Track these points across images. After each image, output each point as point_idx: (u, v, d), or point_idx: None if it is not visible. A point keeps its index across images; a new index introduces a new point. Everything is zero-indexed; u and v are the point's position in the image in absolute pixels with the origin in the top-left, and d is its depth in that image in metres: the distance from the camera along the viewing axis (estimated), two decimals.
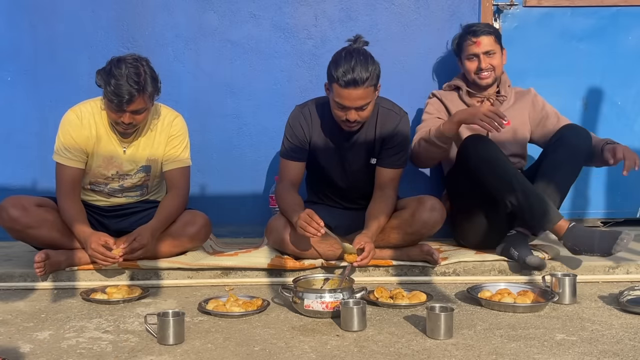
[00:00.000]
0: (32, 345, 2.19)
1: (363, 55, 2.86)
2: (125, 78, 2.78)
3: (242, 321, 2.44)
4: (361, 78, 2.79)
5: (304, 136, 3.10)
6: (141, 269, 2.97)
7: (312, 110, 3.12)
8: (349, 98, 2.84)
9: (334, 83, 2.86)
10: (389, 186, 3.09)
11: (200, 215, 3.12)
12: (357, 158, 3.13)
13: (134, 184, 3.13)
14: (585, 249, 2.90)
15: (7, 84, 3.71)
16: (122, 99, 2.79)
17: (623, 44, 3.85)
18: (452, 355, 2.09)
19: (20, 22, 3.68)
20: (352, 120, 2.91)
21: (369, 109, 2.93)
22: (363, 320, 2.34)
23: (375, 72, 2.86)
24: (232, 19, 3.72)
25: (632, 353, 2.10)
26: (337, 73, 2.82)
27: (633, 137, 3.86)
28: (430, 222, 2.98)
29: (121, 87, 2.78)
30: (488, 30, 3.33)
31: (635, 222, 3.93)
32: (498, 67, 3.32)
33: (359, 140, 3.10)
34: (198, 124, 3.73)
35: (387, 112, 3.09)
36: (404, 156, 3.14)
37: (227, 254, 3.16)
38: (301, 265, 2.99)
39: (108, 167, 3.06)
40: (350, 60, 2.83)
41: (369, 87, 2.84)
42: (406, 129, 3.12)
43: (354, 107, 2.87)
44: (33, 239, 2.97)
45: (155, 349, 2.15)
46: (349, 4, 3.73)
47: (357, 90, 2.81)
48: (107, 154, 3.04)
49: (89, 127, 3.00)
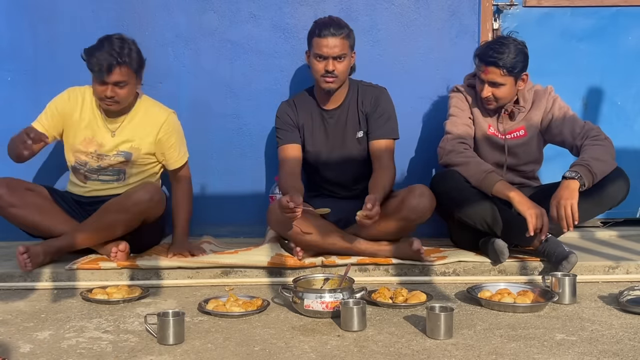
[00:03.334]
0: (32, 345, 2.20)
1: (340, 20, 3.24)
2: (108, 49, 3.02)
3: (242, 321, 2.44)
4: (337, 29, 3.16)
5: (292, 121, 3.31)
6: (141, 269, 2.97)
7: (295, 99, 3.38)
8: (327, 46, 3.14)
9: (313, 38, 3.18)
10: (385, 156, 3.22)
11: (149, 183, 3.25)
12: (343, 134, 3.29)
13: (111, 165, 3.23)
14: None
15: (7, 84, 3.70)
16: (102, 67, 2.99)
17: (623, 44, 3.85)
18: (452, 355, 2.09)
19: (20, 22, 3.68)
20: (330, 70, 3.14)
21: (345, 63, 3.19)
22: (363, 320, 2.34)
23: (350, 32, 3.21)
24: (232, 19, 3.72)
25: (632, 353, 2.10)
26: (316, 28, 3.19)
27: (633, 137, 3.87)
28: (419, 208, 3.02)
29: (102, 57, 3.01)
30: (497, 60, 3.06)
31: (635, 222, 3.93)
32: (502, 98, 3.15)
33: (342, 116, 3.30)
34: (198, 124, 3.74)
35: (365, 87, 3.33)
36: (393, 126, 3.28)
37: (227, 252, 3.17)
38: (301, 264, 2.99)
39: (88, 145, 3.21)
40: (328, 19, 3.24)
41: (345, 40, 3.17)
42: (388, 100, 3.31)
43: (332, 55, 3.14)
44: (14, 219, 3.10)
45: (155, 349, 2.15)
46: (349, 4, 3.73)
47: (334, 38, 3.14)
48: (88, 134, 3.21)
49: (75, 102, 3.22)
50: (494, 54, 3.08)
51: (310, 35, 3.22)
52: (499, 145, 3.25)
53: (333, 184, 3.36)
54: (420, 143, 3.75)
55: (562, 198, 2.88)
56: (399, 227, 3.06)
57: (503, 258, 2.99)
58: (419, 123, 3.75)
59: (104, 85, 3.05)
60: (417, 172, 3.74)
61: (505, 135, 3.24)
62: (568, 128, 3.16)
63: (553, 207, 2.89)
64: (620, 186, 3.03)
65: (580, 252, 3.17)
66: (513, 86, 3.15)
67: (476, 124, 3.26)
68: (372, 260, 3.03)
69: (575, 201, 2.86)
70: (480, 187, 3.03)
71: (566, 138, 3.17)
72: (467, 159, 3.10)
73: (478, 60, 3.17)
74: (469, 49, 3.55)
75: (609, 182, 3.00)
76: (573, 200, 2.86)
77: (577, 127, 3.14)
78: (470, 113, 3.27)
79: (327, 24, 3.17)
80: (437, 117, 3.62)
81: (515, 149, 3.25)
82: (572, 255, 2.89)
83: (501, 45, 3.10)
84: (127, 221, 3.04)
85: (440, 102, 3.71)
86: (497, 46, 3.10)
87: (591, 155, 2.98)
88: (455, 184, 3.05)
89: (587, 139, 3.07)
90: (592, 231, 3.80)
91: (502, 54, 3.07)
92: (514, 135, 3.25)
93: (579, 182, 2.90)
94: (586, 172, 2.92)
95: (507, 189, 2.98)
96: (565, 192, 2.89)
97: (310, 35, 3.23)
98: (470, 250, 3.21)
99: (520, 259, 3.07)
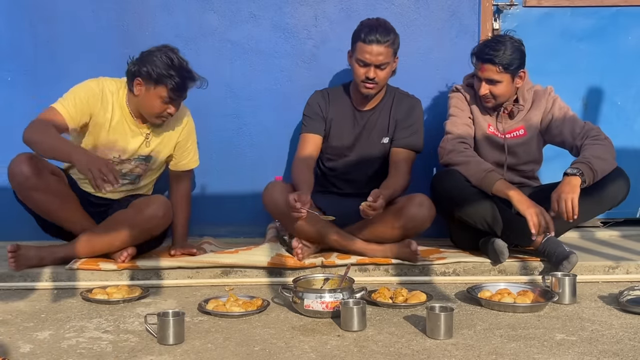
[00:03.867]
0: (32, 345, 2.19)
1: (387, 23, 3.20)
2: (187, 72, 2.99)
3: (242, 321, 2.44)
4: (383, 37, 3.11)
5: (322, 113, 3.32)
6: (141, 269, 2.97)
7: (330, 92, 3.39)
8: (371, 53, 3.11)
9: (358, 42, 3.14)
10: (403, 164, 3.24)
11: (157, 196, 3.19)
12: (370, 137, 3.31)
13: (129, 171, 3.19)
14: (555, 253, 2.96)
15: (7, 84, 3.70)
16: (184, 92, 3.01)
17: (623, 44, 3.85)
18: (452, 355, 2.09)
19: (20, 22, 3.68)
20: (371, 77, 3.13)
21: (387, 71, 3.18)
22: (363, 320, 2.34)
23: (395, 38, 3.17)
24: (232, 19, 3.72)
25: (632, 353, 2.10)
26: (362, 32, 3.13)
27: (633, 137, 3.87)
28: (418, 218, 3.04)
29: (185, 81, 2.98)
30: (493, 57, 3.08)
31: (635, 222, 3.93)
32: (501, 95, 3.16)
33: (373, 119, 3.31)
34: (198, 124, 3.71)
35: (402, 96, 3.35)
36: (418, 140, 3.29)
37: (227, 251, 3.17)
38: (301, 264, 2.99)
39: (112, 149, 3.11)
40: (374, 22, 3.17)
41: (390, 47, 3.13)
42: (420, 113, 3.35)
43: (375, 63, 3.12)
44: (34, 203, 2.99)
45: (155, 349, 2.15)
46: (349, 4, 3.73)
47: (379, 46, 3.10)
48: (115, 136, 3.09)
49: (107, 102, 3.07)
50: (489, 52, 3.10)
51: (355, 37, 3.18)
52: (498, 144, 3.25)
53: (345, 181, 3.37)
54: None
55: (562, 192, 2.89)
56: (397, 235, 3.07)
57: (503, 258, 2.99)
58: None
59: (169, 102, 3.00)
60: (418, 172, 3.72)
61: (505, 134, 3.24)
62: (568, 128, 3.16)
63: (554, 201, 2.90)
64: (621, 186, 3.03)
65: (580, 252, 3.17)
66: (510, 83, 3.15)
67: (476, 123, 3.26)
68: (372, 260, 3.03)
69: (576, 196, 2.87)
70: (480, 186, 3.03)
71: (566, 138, 3.17)
72: (467, 158, 3.10)
73: (475, 58, 3.19)
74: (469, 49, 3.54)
75: (609, 182, 3.00)
76: (574, 194, 2.87)
77: (577, 127, 3.15)
78: (470, 113, 3.27)
79: (374, 28, 3.12)
80: (437, 117, 3.62)
81: (515, 148, 3.25)
82: (572, 255, 2.89)
83: (497, 42, 3.12)
84: (137, 236, 3.02)
85: (440, 102, 3.71)
86: (493, 44, 3.12)
87: (592, 154, 2.98)
88: (456, 183, 3.05)
89: (587, 139, 3.08)
90: (592, 231, 3.80)
91: (497, 51, 3.08)
92: (513, 134, 3.25)
93: (581, 178, 2.90)
94: (587, 169, 2.92)
95: (507, 188, 2.98)
96: (566, 187, 2.90)
97: (354, 37, 3.18)
98: (470, 250, 3.21)
99: (520, 259, 3.07)
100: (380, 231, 3.07)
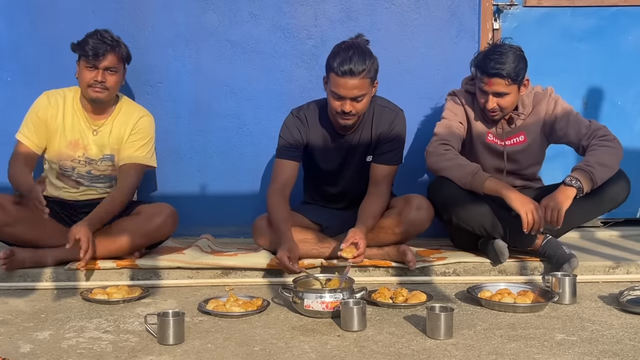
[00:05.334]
0: (32, 345, 2.19)
1: (361, 49, 2.92)
2: (100, 37, 3.10)
3: (242, 321, 2.44)
4: (357, 68, 2.85)
5: (300, 139, 3.12)
6: (141, 269, 2.97)
7: (307, 114, 3.16)
8: (345, 87, 2.88)
9: (331, 72, 2.91)
10: (383, 182, 3.11)
11: (165, 205, 3.18)
12: (354, 157, 3.17)
13: (102, 173, 3.21)
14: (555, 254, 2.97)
15: (7, 84, 3.70)
16: (98, 53, 3.05)
17: (623, 44, 3.85)
18: (452, 355, 2.09)
19: (20, 22, 3.68)
20: (347, 111, 2.92)
21: (365, 102, 2.96)
22: (363, 320, 2.33)
23: (372, 65, 2.91)
24: (232, 19, 3.72)
25: (632, 353, 2.10)
26: (335, 62, 2.88)
27: (633, 137, 3.86)
28: (417, 221, 3.04)
29: (96, 43, 3.08)
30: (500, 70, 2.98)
31: (635, 222, 3.93)
32: (509, 107, 3.10)
33: (355, 139, 3.13)
34: (198, 124, 3.74)
35: (382, 109, 3.12)
36: (399, 153, 3.17)
37: (226, 253, 3.17)
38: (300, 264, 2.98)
39: (75, 148, 3.18)
40: (348, 51, 2.88)
41: (365, 78, 2.89)
42: (402, 126, 3.16)
43: (350, 97, 2.90)
44: (9, 237, 3.04)
45: (155, 349, 2.15)
46: (349, 4, 3.73)
47: (353, 79, 2.86)
48: (74, 135, 3.18)
49: (56, 106, 3.20)
50: (495, 65, 2.98)
51: (328, 66, 2.95)
52: (498, 151, 3.22)
53: (332, 197, 3.30)
54: (419, 143, 3.74)
55: (552, 201, 2.89)
56: (397, 239, 3.07)
57: (503, 258, 2.98)
58: (418, 123, 3.75)
59: (95, 70, 3.08)
60: (416, 172, 3.74)
61: (505, 141, 3.22)
62: (573, 129, 3.13)
63: (542, 206, 2.90)
64: (621, 188, 3.03)
65: (580, 252, 3.18)
66: (516, 93, 3.10)
67: (474, 129, 3.22)
68: (372, 262, 3.02)
69: (564, 208, 2.87)
70: (470, 189, 3.00)
71: (572, 139, 3.14)
72: (449, 162, 3.04)
73: (479, 72, 3.07)
74: (469, 49, 3.55)
75: (610, 184, 3.00)
76: (563, 206, 2.87)
77: (583, 127, 3.11)
78: (463, 118, 3.22)
79: (346, 58, 2.85)
80: (436, 117, 3.61)
81: (515, 155, 3.23)
82: (573, 259, 2.89)
83: (500, 54, 3.01)
84: (144, 244, 3.11)
85: (440, 102, 3.70)
86: (496, 56, 3.00)
87: (597, 160, 2.96)
88: (449, 192, 3.03)
89: (595, 139, 3.04)
90: (592, 231, 3.80)
91: (503, 64, 2.98)
92: (513, 141, 3.22)
93: (577, 190, 2.91)
94: (587, 179, 2.92)
95: (498, 187, 2.95)
96: (559, 196, 2.89)
97: (327, 66, 2.95)
98: (470, 250, 3.21)
99: (520, 259, 3.07)
100: (380, 238, 3.06)
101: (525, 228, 2.85)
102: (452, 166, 3.03)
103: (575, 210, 2.94)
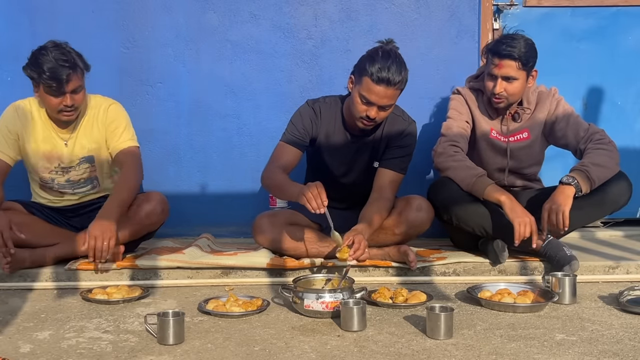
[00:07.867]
0: (32, 345, 2.19)
1: (399, 58, 2.90)
2: (55, 61, 2.90)
3: (242, 321, 2.44)
4: (395, 79, 2.84)
5: (310, 130, 3.12)
6: (141, 269, 2.97)
7: (322, 108, 3.14)
8: (377, 94, 2.87)
9: (365, 77, 2.87)
10: (387, 189, 3.10)
11: (154, 193, 3.18)
12: (361, 159, 3.17)
13: (81, 177, 3.18)
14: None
15: (7, 84, 3.71)
16: (61, 81, 2.90)
17: (623, 44, 3.85)
18: (452, 355, 2.09)
19: (20, 22, 3.68)
20: (372, 117, 2.92)
21: (390, 110, 2.98)
22: (363, 320, 2.33)
23: (406, 77, 2.91)
24: (232, 19, 3.72)
25: (632, 353, 2.10)
26: (373, 68, 2.84)
27: (633, 137, 3.87)
28: (417, 223, 3.05)
29: (56, 70, 2.89)
30: (512, 52, 3.02)
31: (635, 222, 3.93)
32: (514, 95, 3.10)
33: (365, 142, 3.14)
34: (198, 124, 3.74)
35: (395, 117, 3.13)
36: (406, 162, 3.16)
37: (226, 253, 3.16)
38: (301, 264, 2.99)
39: (50, 159, 3.13)
40: (387, 59, 2.86)
41: (398, 90, 2.90)
42: (413, 136, 3.16)
43: (379, 104, 2.89)
44: None
45: (155, 349, 2.15)
46: (349, 4, 3.73)
47: (388, 89, 2.85)
48: (47, 148, 3.12)
49: (25, 118, 3.10)
50: (507, 48, 3.02)
51: (362, 69, 2.88)
52: (501, 148, 3.23)
53: (338, 196, 3.25)
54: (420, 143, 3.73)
55: (554, 204, 2.89)
56: (398, 239, 3.08)
57: (503, 258, 2.98)
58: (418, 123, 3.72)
59: (62, 96, 2.95)
60: (417, 172, 3.74)
61: (508, 137, 3.22)
62: (572, 131, 3.14)
63: (545, 211, 2.90)
64: (623, 190, 3.03)
65: (580, 252, 3.18)
66: (524, 82, 3.10)
67: (478, 127, 3.23)
68: (372, 262, 3.02)
69: (567, 208, 2.87)
70: (470, 192, 3.01)
71: (570, 141, 3.15)
72: (456, 162, 3.06)
73: (491, 54, 3.09)
74: (469, 49, 3.56)
75: (612, 186, 3.00)
76: (565, 207, 2.87)
77: (581, 130, 3.13)
78: (468, 116, 3.23)
79: (386, 66, 2.82)
80: (437, 117, 3.63)
81: (518, 152, 3.23)
82: (574, 262, 2.89)
83: (512, 39, 3.06)
84: (136, 232, 3.10)
85: (441, 102, 3.72)
86: (509, 40, 3.06)
87: (591, 161, 2.97)
88: (450, 193, 3.04)
89: (591, 143, 3.06)
90: (592, 231, 3.80)
91: (515, 47, 3.02)
92: (517, 137, 3.23)
93: (575, 188, 2.91)
94: (584, 178, 2.92)
95: (498, 194, 2.94)
96: (559, 198, 2.90)
97: (361, 69, 2.89)
98: (470, 250, 3.21)
99: (520, 259, 3.07)
100: (381, 239, 3.07)
101: (516, 239, 2.85)
102: (458, 167, 3.05)
103: (578, 212, 2.94)
